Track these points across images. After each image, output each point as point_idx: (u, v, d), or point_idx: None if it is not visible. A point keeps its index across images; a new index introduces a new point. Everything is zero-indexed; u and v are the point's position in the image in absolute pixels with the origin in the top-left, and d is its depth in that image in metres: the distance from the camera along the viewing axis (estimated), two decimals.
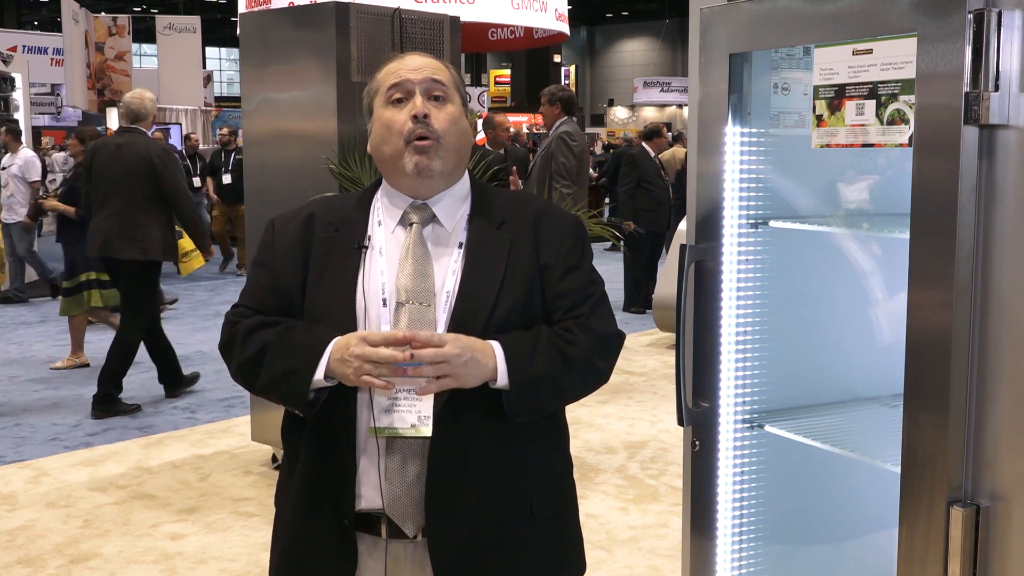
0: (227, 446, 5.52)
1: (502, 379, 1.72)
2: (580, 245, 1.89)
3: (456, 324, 1.76)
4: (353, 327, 1.77)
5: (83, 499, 4.69)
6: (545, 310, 1.83)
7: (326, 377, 1.74)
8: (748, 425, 2.07)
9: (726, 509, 2.08)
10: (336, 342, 1.74)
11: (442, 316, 1.78)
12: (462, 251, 1.83)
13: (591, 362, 1.81)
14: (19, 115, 11.58)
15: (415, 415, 1.73)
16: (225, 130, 12.87)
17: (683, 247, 2.02)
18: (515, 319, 1.78)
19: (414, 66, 1.85)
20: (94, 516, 4.48)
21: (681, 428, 2.10)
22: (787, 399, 2.13)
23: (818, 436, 1.98)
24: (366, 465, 1.77)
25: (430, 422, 1.73)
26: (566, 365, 1.77)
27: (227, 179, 11.91)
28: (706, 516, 2.09)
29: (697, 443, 2.07)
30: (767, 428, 2.05)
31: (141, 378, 7.07)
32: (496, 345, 1.73)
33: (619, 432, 5.73)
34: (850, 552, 2.25)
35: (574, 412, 5.76)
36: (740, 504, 2.09)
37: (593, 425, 5.85)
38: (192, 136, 14.74)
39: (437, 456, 1.74)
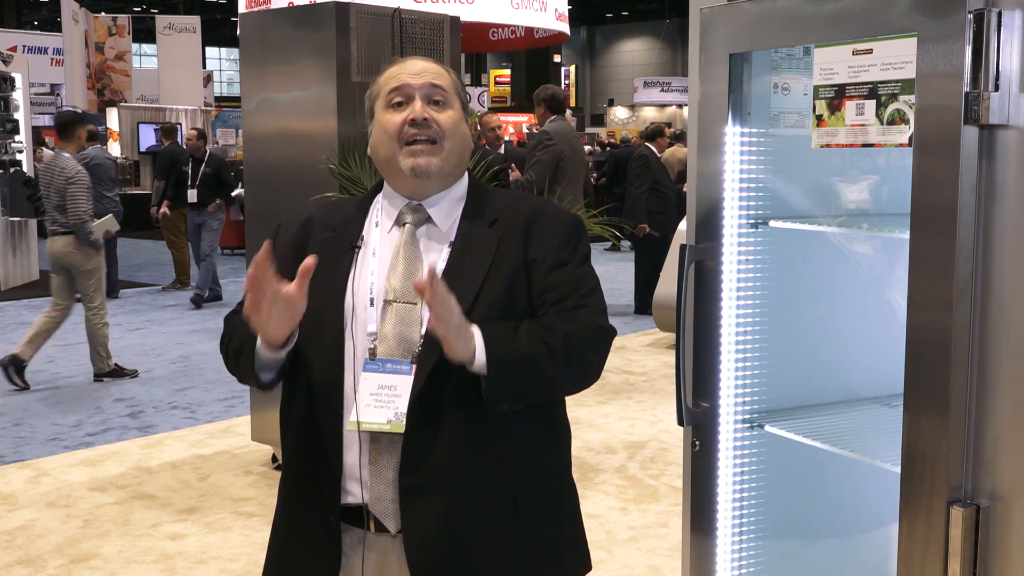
0: (227, 446, 5.52)
1: (479, 361, 1.68)
2: (573, 242, 1.86)
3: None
4: (341, 326, 1.80)
5: (83, 499, 4.69)
6: (532, 304, 1.81)
7: (266, 346, 1.78)
8: (748, 425, 2.07)
9: (726, 509, 2.08)
10: None
11: (428, 314, 1.78)
12: (451, 250, 1.84)
13: (575, 350, 1.77)
14: (19, 115, 11.58)
15: (392, 411, 1.74)
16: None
17: (683, 247, 2.02)
18: (495, 316, 1.77)
19: (415, 70, 1.86)
20: (94, 516, 4.48)
21: (681, 428, 2.10)
22: (787, 399, 2.13)
23: (818, 436, 1.98)
24: (351, 461, 1.79)
25: (405, 418, 1.74)
26: (548, 351, 1.73)
27: None
28: (706, 516, 2.09)
29: (697, 443, 2.07)
30: (767, 428, 2.05)
31: (142, 380, 7.08)
32: (475, 328, 1.71)
33: (619, 432, 5.73)
34: (850, 552, 2.25)
35: (574, 412, 5.75)
36: (740, 504, 2.09)
37: (593, 425, 5.85)
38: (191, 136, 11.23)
39: (409, 452, 1.75)
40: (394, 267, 1.82)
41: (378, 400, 1.75)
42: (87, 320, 6.87)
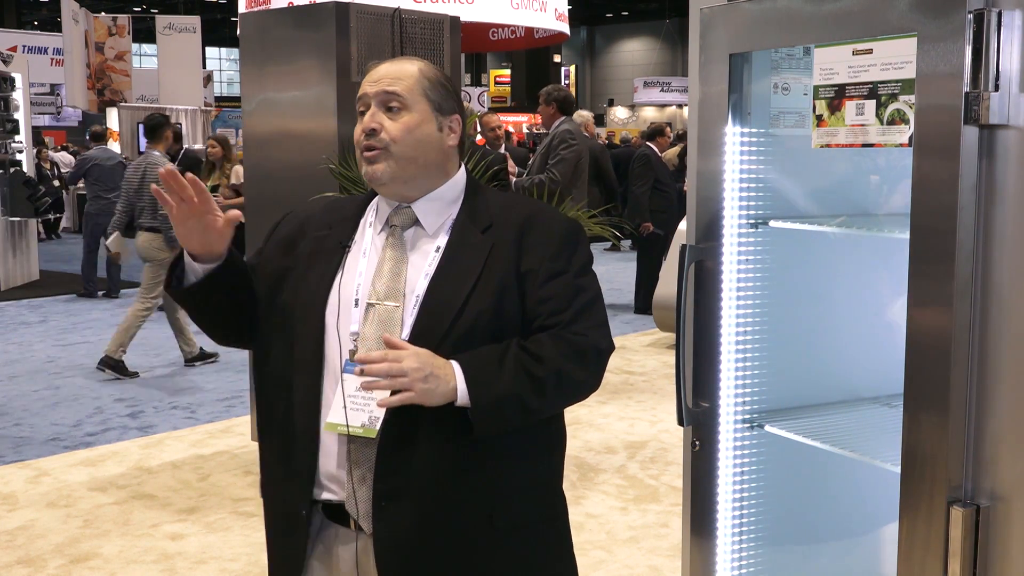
0: (227, 446, 5.52)
1: (463, 399, 1.69)
2: (569, 250, 1.82)
3: (420, 326, 1.75)
4: (323, 326, 1.80)
5: (83, 499, 4.69)
6: (525, 317, 1.78)
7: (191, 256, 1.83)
8: (748, 425, 2.07)
9: (726, 509, 2.08)
10: None
11: (409, 318, 1.78)
12: (439, 254, 1.82)
13: (565, 376, 1.74)
14: (19, 115, 11.58)
15: (367, 415, 1.74)
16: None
17: (683, 247, 2.02)
18: (483, 324, 1.75)
19: (375, 78, 1.85)
20: (94, 516, 4.48)
21: (681, 428, 2.10)
22: (787, 399, 2.13)
23: (818, 436, 1.98)
24: (329, 459, 1.79)
25: (379, 423, 1.74)
26: (533, 384, 1.71)
27: None
28: (706, 516, 2.09)
29: (697, 443, 2.07)
30: (767, 428, 2.06)
31: (142, 380, 7.08)
32: (456, 365, 1.69)
33: (619, 432, 5.73)
34: (850, 552, 2.25)
35: (574, 412, 5.77)
36: (740, 504, 2.09)
37: (593, 425, 5.85)
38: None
39: (383, 456, 1.74)
40: (379, 270, 1.83)
41: (354, 403, 1.75)
42: (133, 305, 7.13)
